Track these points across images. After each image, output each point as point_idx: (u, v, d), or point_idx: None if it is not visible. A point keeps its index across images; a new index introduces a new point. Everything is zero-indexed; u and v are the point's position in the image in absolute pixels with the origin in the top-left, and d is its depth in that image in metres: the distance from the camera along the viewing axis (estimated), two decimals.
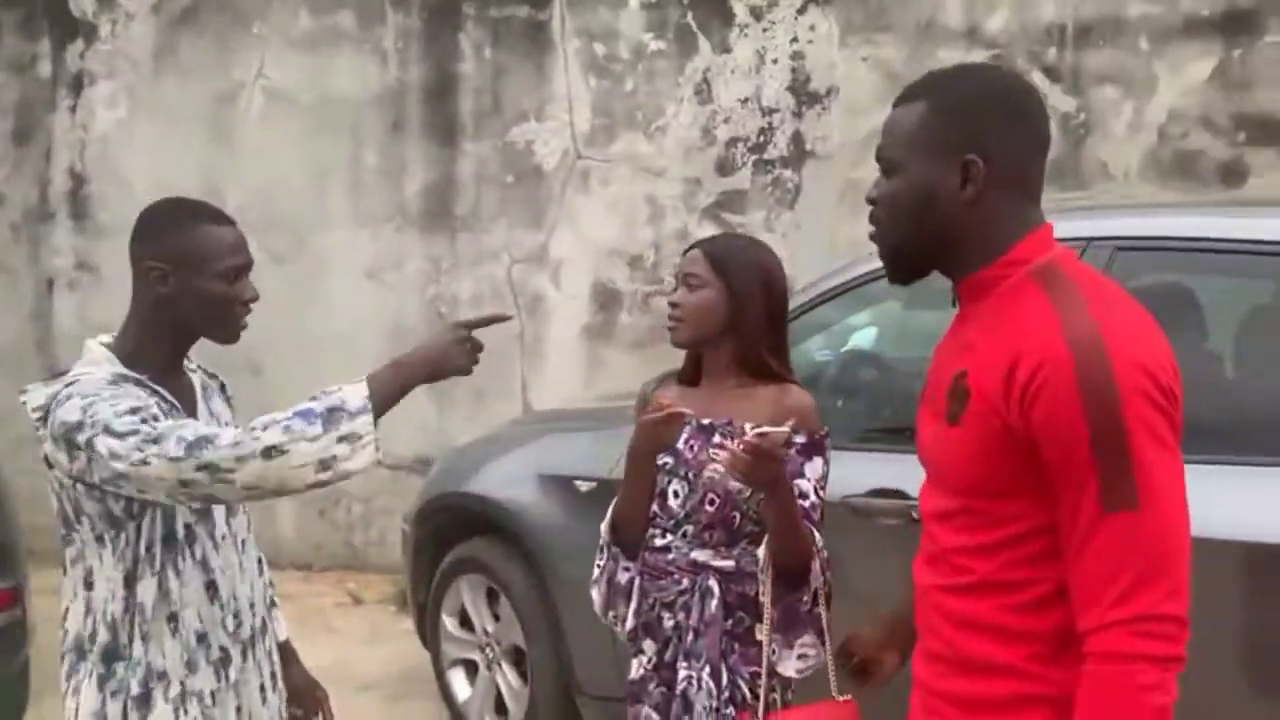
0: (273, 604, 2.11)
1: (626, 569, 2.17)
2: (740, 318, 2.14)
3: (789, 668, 2.06)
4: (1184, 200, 3.96)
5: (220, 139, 6.27)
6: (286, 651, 2.14)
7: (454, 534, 3.89)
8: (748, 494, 2.05)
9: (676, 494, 2.12)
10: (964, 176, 1.37)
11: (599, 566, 2.23)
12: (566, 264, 5.96)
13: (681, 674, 2.03)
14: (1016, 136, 1.40)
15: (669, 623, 2.09)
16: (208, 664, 1.83)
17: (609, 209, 5.92)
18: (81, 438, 1.62)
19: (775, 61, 5.71)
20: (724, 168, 5.76)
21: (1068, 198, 4.14)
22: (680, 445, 2.13)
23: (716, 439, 2.05)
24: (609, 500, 3.15)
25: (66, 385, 1.71)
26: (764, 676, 2.01)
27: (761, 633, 2.02)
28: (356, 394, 1.63)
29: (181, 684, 1.80)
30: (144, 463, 1.58)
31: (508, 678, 3.74)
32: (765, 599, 2.01)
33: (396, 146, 6.13)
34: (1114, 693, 1.23)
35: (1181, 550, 1.25)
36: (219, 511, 1.87)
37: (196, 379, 1.96)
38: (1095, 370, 1.23)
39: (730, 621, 2.07)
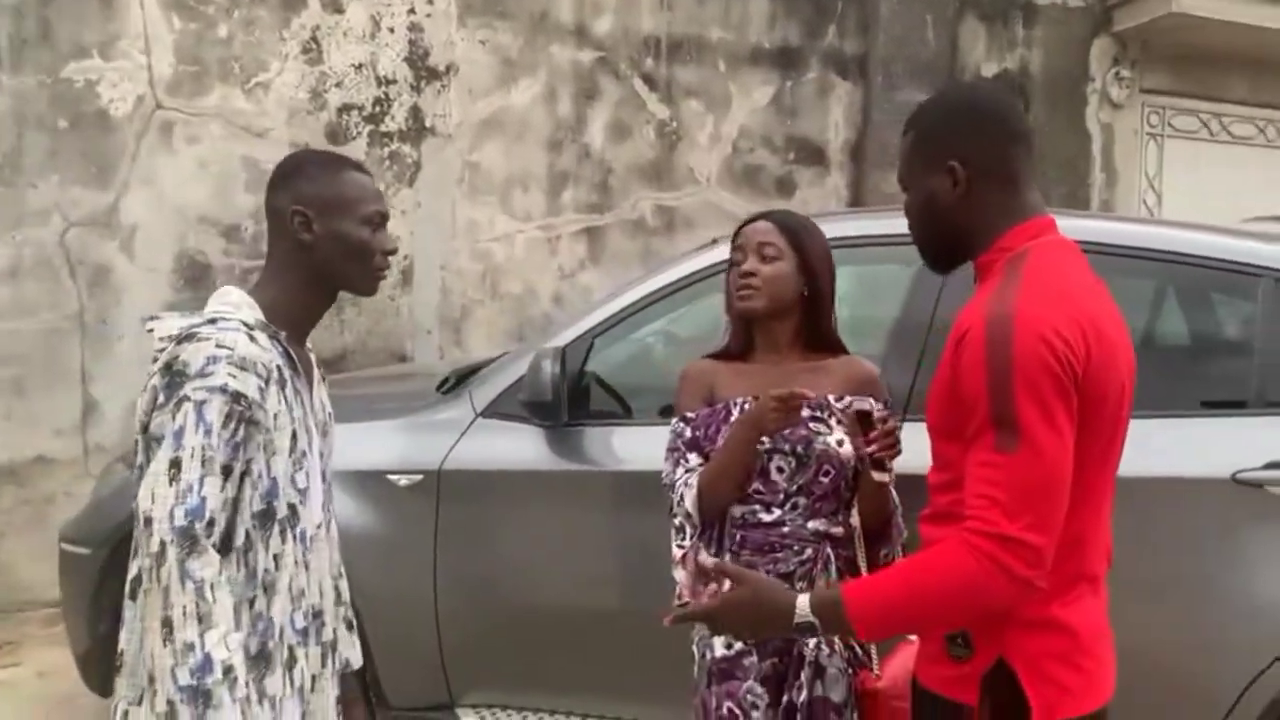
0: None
1: (708, 549, 2.09)
2: (813, 290, 2.18)
3: None
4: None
5: None
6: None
7: None
8: (853, 464, 2.10)
9: (781, 469, 2.10)
10: (952, 179, 1.61)
11: (681, 547, 2.10)
12: (142, 230, 5.06)
13: (813, 641, 2.02)
14: (985, 137, 1.62)
15: None
16: (280, 663, 1.64)
17: (198, 169, 5.15)
18: (179, 394, 1.52)
19: (392, 30, 5.44)
20: (336, 136, 5.35)
21: None
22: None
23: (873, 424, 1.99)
24: (433, 494, 2.93)
25: (207, 321, 1.58)
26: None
27: None
28: None
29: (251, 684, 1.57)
30: (151, 495, 1.49)
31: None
32: (862, 560, 2.09)
33: None
34: (964, 569, 1.41)
35: (1052, 493, 1.42)
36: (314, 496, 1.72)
37: (314, 358, 1.82)
38: (998, 337, 1.44)
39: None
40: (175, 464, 1.49)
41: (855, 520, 2.11)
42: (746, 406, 2.13)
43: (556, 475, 2.87)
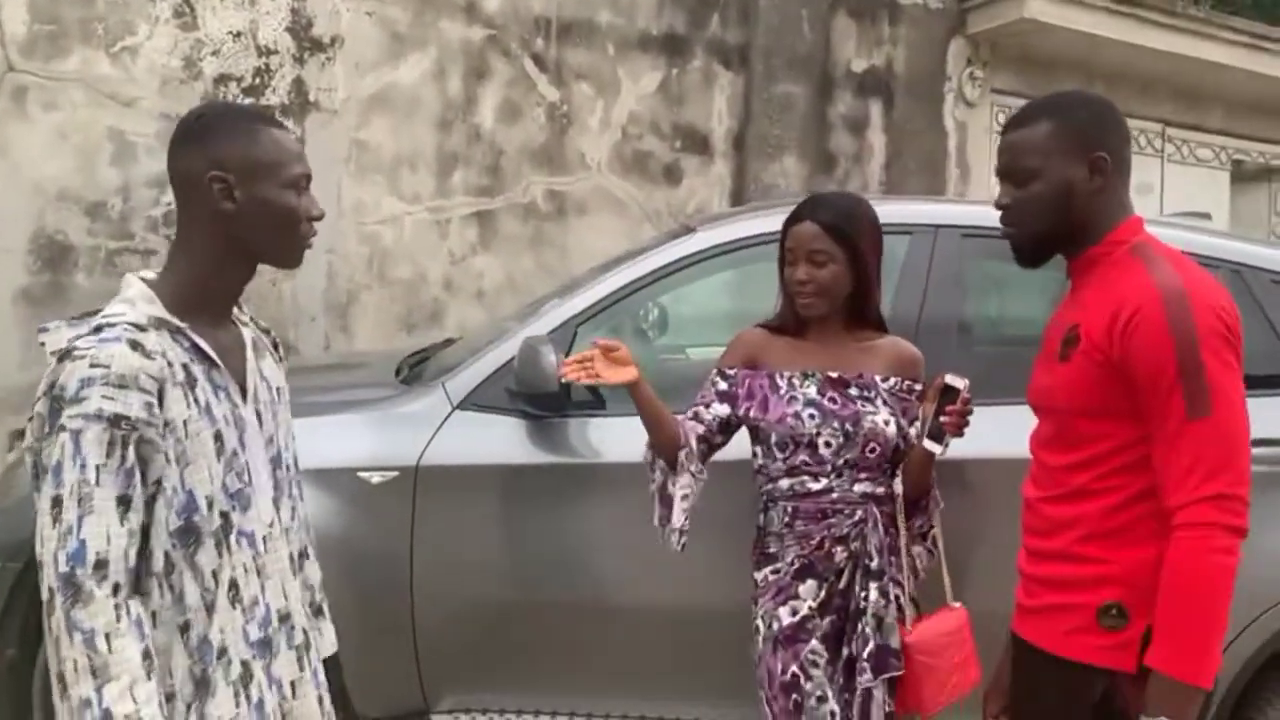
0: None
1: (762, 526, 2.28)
2: (863, 279, 2.21)
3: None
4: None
5: None
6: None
7: None
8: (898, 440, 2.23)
9: (829, 444, 2.20)
10: (1093, 170, 1.71)
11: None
12: None
13: (874, 595, 2.14)
14: (1118, 139, 1.77)
15: (841, 555, 2.19)
16: (227, 683, 1.51)
17: (57, 140, 4.67)
18: (58, 422, 1.38)
19: None
20: None
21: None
22: (821, 399, 2.21)
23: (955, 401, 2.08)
24: (410, 491, 2.78)
25: (92, 330, 1.42)
26: (914, 593, 2.25)
27: (907, 545, 2.24)
28: None
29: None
30: (40, 536, 1.37)
31: None
32: (901, 523, 2.22)
33: None
34: (1195, 553, 1.56)
35: (1244, 447, 1.60)
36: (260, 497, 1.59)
37: (248, 333, 1.64)
38: (1179, 311, 1.59)
39: (889, 539, 2.22)
40: (56, 502, 1.37)
41: (899, 487, 2.23)
42: (794, 380, 2.24)
43: (557, 469, 2.76)
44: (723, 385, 2.30)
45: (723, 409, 2.28)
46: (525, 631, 2.81)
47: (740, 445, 2.46)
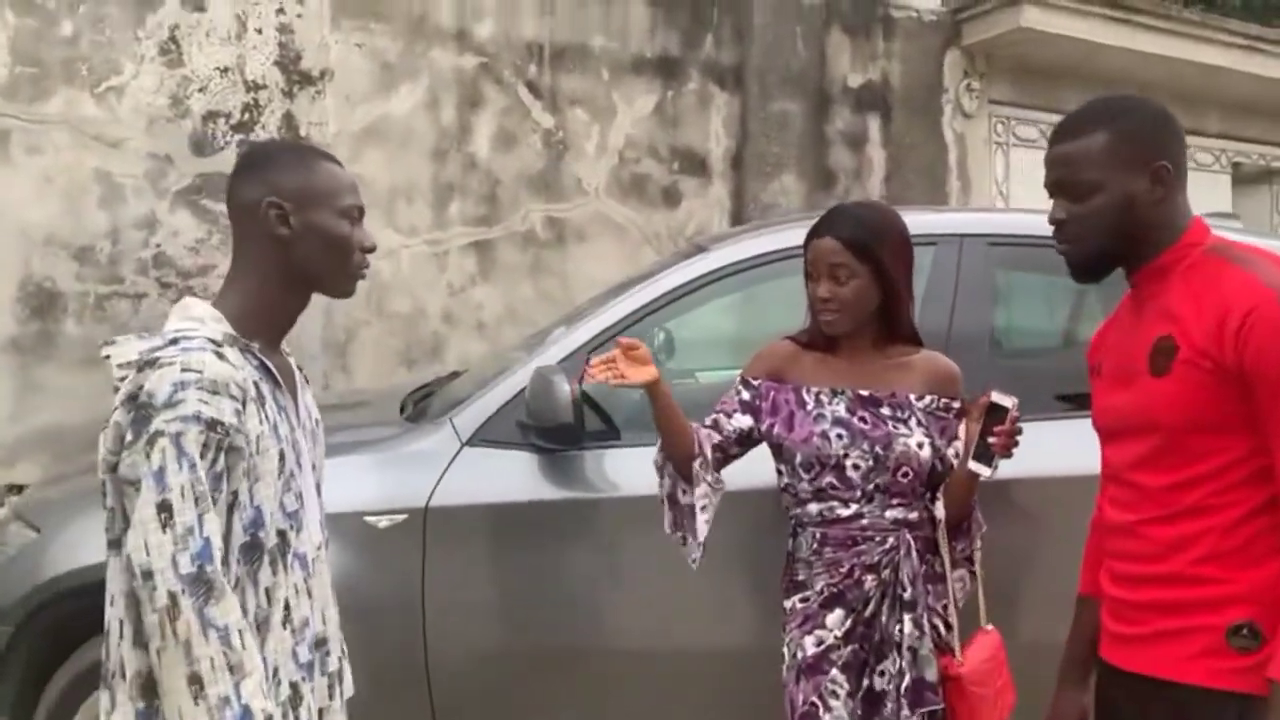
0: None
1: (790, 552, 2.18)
2: (891, 294, 2.09)
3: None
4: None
5: None
6: None
7: (83, 633, 2.74)
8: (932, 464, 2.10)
9: (857, 466, 2.08)
10: (1154, 181, 1.64)
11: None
12: None
13: (908, 628, 2.03)
14: (1177, 144, 1.70)
15: (871, 583, 2.07)
16: (277, 704, 1.51)
17: (41, 184, 4.56)
18: (150, 429, 1.38)
19: (260, 31, 5.00)
20: (201, 146, 4.86)
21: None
22: (850, 418, 2.09)
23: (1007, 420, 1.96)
24: (419, 534, 2.64)
25: (169, 342, 1.43)
26: (954, 622, 2.11)
27: (947, 573, 2.12)
28: None
29: None
30: (145, 545, 1.36)
31: None
32: (944, 546, 2.10)
33: None
34: None
35: None
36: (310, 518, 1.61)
37: (293, 362, 1.69)
38: None
39: (925, 567, 2.11)
40: (165, 507, 1.37)
41: (939, 511, 2.11)
42: (821, 397, 2.13)
43: (574, 504, 2.63)
44: (746, 395, 2.19)
45: (745, 420, 2.17)
46: (547, 678, 2.66)
47: (764, 472, 2.34)
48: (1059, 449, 2.40)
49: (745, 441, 2.20)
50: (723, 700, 2.64)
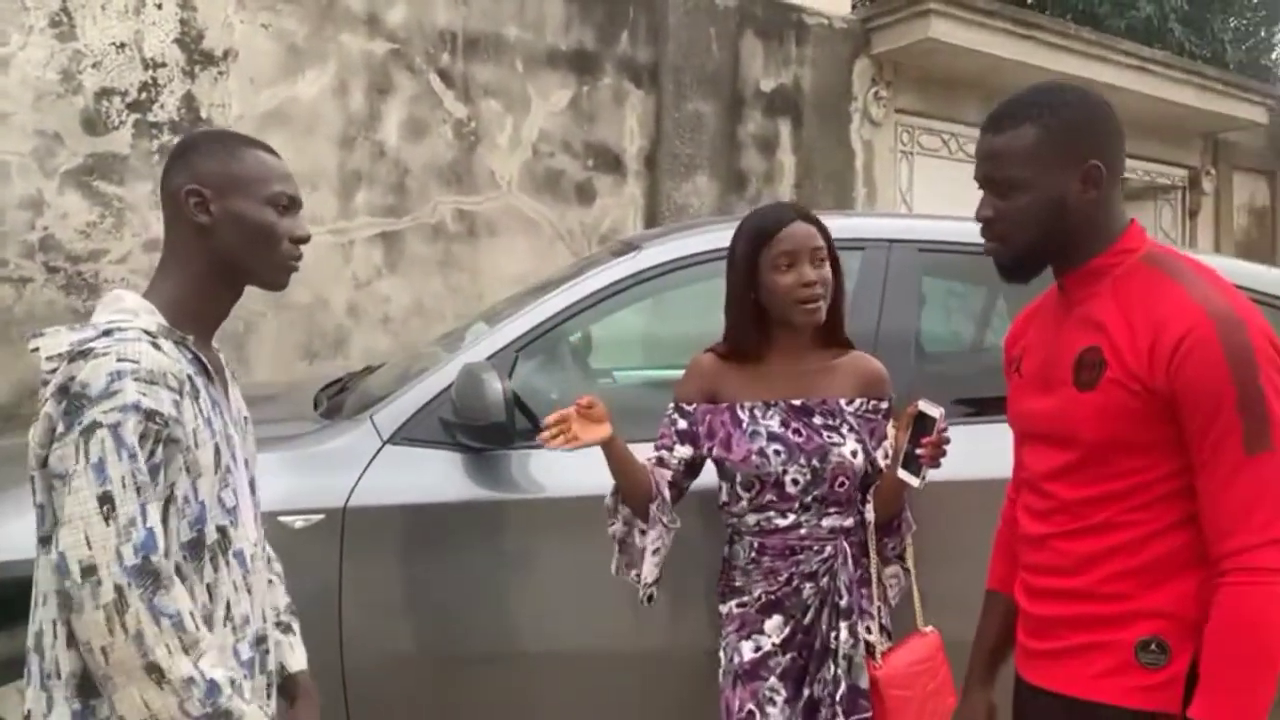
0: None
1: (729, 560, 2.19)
2: (840, 288, 2.08)
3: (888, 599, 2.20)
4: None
5: None
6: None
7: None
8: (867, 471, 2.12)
9: (796, 481, 2.07)
10: (1086, 180, 1.55)
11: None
12: None
13: (844, 635, 2.03)
14: (1114, 142, 1.59)
15: (809, 591, 2.07)
16: None
17: None
18: (84, 420, 1.33)
19: (159, 7, 4.76)
20: (94, 124, 4.60)
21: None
22: (785, 431, 2.06)
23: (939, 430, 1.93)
24: (337, 536, 2.54)
25: (102, 333, 1.40)
26: (886, 623, 2.14)
27: (878, 573, 2.13)
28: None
29: None
30: (85, 540, 1.31)
31: None
32: (873, 549, 2.10)
33: None
34: (1252, 601, 1.41)
35: None
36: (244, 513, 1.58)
37: (223, 357, 1.67)
38: (1235, 337, 1.43)
39: (859, 571, 2.11)
40: (106, 499, 1.33)
41: (870, 514, 2.11)
42: (755, 412, 2.10)
43: (501, 505, 2.54)
44: (683, 424, 2.18)
45: (685, 451, 2.17)
46: (468, 682, 2.58)
47: (705, 477, 2.31)
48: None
49: (692, 470, 2.19)
50: (648, 704, 2.60)
